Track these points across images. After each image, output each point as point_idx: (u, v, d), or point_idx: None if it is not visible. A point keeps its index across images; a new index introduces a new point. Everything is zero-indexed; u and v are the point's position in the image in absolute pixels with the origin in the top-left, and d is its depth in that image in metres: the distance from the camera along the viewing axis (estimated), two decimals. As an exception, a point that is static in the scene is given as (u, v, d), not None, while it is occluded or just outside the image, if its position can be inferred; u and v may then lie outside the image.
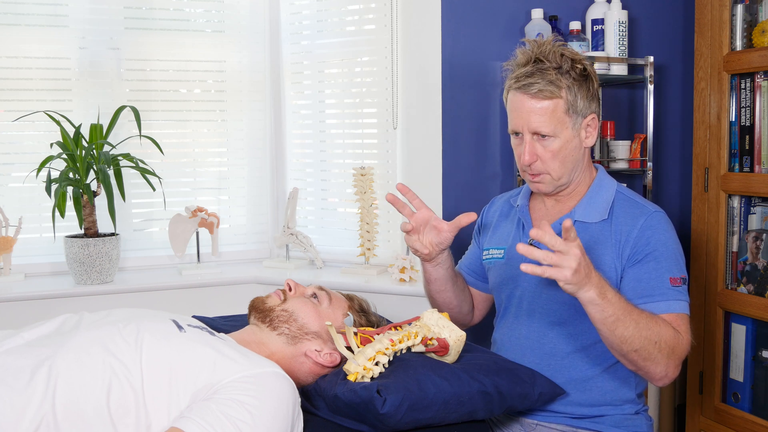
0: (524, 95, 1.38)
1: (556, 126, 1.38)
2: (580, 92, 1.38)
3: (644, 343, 1.26)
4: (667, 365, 1.30)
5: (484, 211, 1.70)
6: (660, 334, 1.27)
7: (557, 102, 1.37)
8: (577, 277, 1.18)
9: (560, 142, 1.39)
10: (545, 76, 1.36)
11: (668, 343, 1.28)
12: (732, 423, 2.01)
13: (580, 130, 1.41)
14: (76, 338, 1.12)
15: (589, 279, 1.20)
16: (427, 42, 2.24)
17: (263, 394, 1.07)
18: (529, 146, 1.39)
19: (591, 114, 1.42)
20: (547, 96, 1.36)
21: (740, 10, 1.98)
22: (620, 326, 1.24)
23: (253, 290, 2.32)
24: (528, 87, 1.37)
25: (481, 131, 2.27)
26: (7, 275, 2.26)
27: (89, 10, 2.37)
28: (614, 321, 1.24)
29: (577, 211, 1.44)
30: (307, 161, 2.60)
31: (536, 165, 1.41)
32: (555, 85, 1.36)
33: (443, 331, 1.30)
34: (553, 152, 1.39)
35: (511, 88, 1.41)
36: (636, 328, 1.25)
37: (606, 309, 1.22)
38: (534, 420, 1.44)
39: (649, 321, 1.27)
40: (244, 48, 2.55)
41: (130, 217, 2.46)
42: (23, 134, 2.37)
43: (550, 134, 1.38)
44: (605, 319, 1.24)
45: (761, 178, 1.93)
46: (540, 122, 1.37)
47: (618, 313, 1.23)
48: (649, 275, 1.34)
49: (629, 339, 1.25)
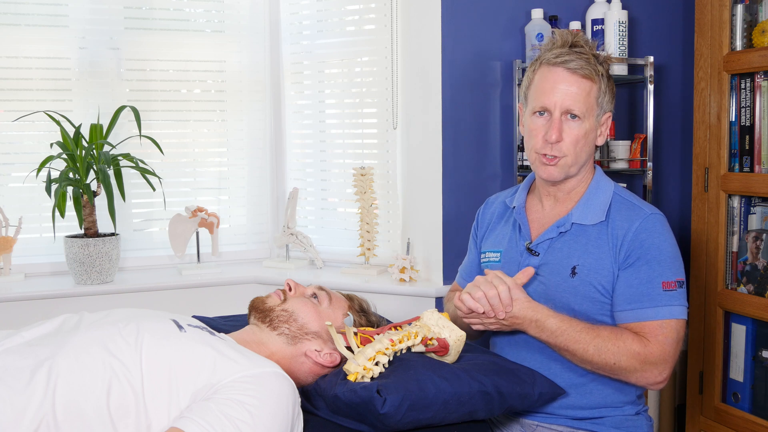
0: (563, 70, 1.37)
1: (588, 109, 1.38)
2: (608, 86, 1.41)
3: (600, 365, 1.32)
4: (642, 377, 1.32)
5: (479, 213, 1.68)
6: (617, 354, 1.31)
7: (592, 85, 1.38)
8: (501, 329, 1.36)
9: (586, 127, 1.39)
10: (583, 58, 1.37)
11: (633, 358, 1.30)
12: (732, 423, 2.01)
13: (599, 125, 1.42)
14: (76, 338, 1.12)
15: (519, 327, 1.34)
16: (427, 42, 2.24)
17: (263, 394, 1.07)
18: (558, 123, 1.37)
19: (609, 113, 1.44)
20: (586, 75, 1.37)
21: (740, 10, 1.98)
22: (567, 354, 1.34)
23: (253, 290, 2.32)
24: (568, 62, 1.36)
25: (481, 131, 2.27)
26: (7, 275, 2.26)
27: (89, 10, 2.37)
28: (561, 350, 1.34)
29: (574, 213, 1.44)
30: (307, 161, 2.60)
31: (558, 146, 1.38)
32: (593, 69, 1.37)
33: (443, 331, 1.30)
34: (578, 136, 1.38)
35: (546, 63, 1.39)
36: (585, 354, 1.32)
37: (548, 342, 1.34)
38: (534, 421, 1.44)
39: (605, 343, 1.31)
40: (244, 48, 2.55)
41: (130, 217, 2.46)
42: (23, 134, 2.37)
43: (580, 116, 1.37)
44: (553, 348, 1.36)
45: (761, 178, 1.93)
46: (575, 100, 1.36)
47: (561, 344, 1.33)
48: (640, 280, 1.34)
49: (583, 362, 1.34)
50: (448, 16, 2.22)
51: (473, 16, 2.24)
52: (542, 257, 1.43)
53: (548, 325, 1.31)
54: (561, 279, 1.40)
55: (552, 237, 1.44)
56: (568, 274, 1.39)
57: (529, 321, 1.32)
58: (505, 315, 1.32)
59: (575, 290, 1.38)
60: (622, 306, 1.35)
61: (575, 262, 1.39)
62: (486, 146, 2.29)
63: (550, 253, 1.43)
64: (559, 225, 1.43)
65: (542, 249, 1.44)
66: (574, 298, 1.38)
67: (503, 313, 1.31)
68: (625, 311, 1.35)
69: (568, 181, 1.46)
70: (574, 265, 1.39)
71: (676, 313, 1.33)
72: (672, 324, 1.32)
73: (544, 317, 1.32)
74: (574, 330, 1.31)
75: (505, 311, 1.31)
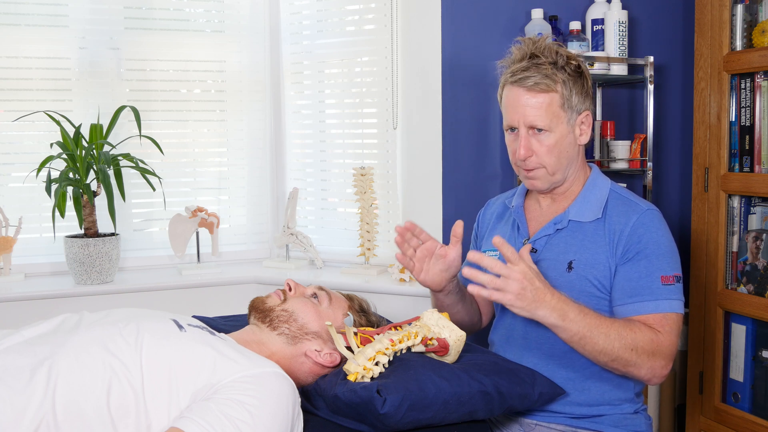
0: (520, 89, 1.39)
1: (552, 120, 1.39)
2: (575, 88, 1.40)
3: (619, 353, 1.28)
4: (651, 367, 1.30)
5: (479, 215, 1.70)
6: (635, 340, 1.28)
7: (553, 96, 1.38)
8: (522, 301, 1.21)
9: (556, 136, 1.40)
10: (541, 70, 1.37)
11: (646, 347, 1.29)
12: (732, 423, 2.01)
13: (574, 127, 1.43)
14: (76, 338, 1.12)
15: (541, 302, 1.23)
16: (427, 42, 2.24)
17: (263, 394, 1.07)
18: (524, 140, 1.40)
19: (585, 111, 1.43)
20: (543, 89, 1.37)
21: (740, 10, 1.98)
22: (588, 343, 1.27)
23: (253, 290, 2.32)
24: (524, 80, 1.38)
25: (481, 131, 2.27)
26: (7, 275, 2.26)
27: (89, 10, 2.37)
28: (580, 339, 1.27)
29: (571, 210, 1.45)
30: (307, 161, 2.60)
31: (531, 160, 1.41)
32: (551, 79, 1.37)
33: (443, 331, 1.30)
34: (549, 147, 1.40)
35: (507, 83, 1.42)
36: (606, 341, 1.27)
37: (569, 329, 1.25)
38: (533, 420, 1.44)
39: (621, 330, 1.28)
40: (244, 48, 2.55)
41: (130, 217, 2.46)
42: (23, 134, 2.37)
43: (546, 128, 1.39)
44: (570, 338, 1.27)
45: (761, 178, 1.93)
46: (536, 116, 1.38)
47: (583, 331, 1.26)
48: (639, 274, 1.35)
49: (602, 352, 1.28)
50: (448, 16, 2.22)
51: (473, 16, 2.24)
52: (539, 253, 1.45)
53: (570, 309, 1.25)
54: (558, 274, 1.41)
55: (549, 233, 1.45)
56: (564, 269, 1.40)
57: (552, 299, 1.23)
58: (520, 278, 1.21)
59: (572, 285, 1.39)
60: (622, 300, 1.35)
61: (572, 257, 1.40)
62: (486, 146, 2.29)
63: (547, 249, 1.44)
64: (556, 222, 1.45)
65: (540, 245, 1.45)
66: (570, 293, 1.38)
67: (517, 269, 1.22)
68: (626, 305, 1.35)
69: (559, 186, 1.47)
70: (571, 260, 1.40)
71: (675, 306, 1.34)
72: (673, 317, 1.33)
73: (567, 301, 1.26)
74: (592, 317, 1.28)
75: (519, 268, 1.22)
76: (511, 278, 1.21)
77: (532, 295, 1.22)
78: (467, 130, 2.26)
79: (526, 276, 1.22)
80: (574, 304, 1.27)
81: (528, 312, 1.23)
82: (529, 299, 1.22)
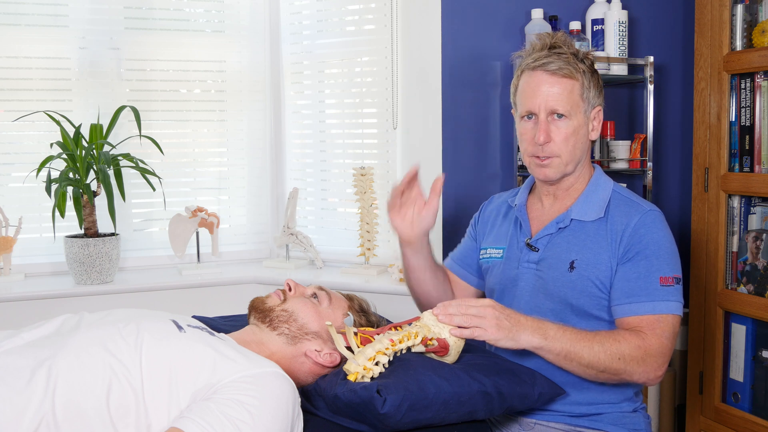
0: (543, 73, 1.40)
1: (573, 107, 1.40)
2: (592, 81, 1.43)
3: (606, 364, 1.28)
4: (644, 372, 1.31)
5: (482, 206, 1.70)
6: (620, 350, 1.29)
7: (574, 83, 1.40)
8: (502, 330, 1.23)
9: (574, 125, 1.41)
10: (562, 58, 1.40)
11: (633, 354, 1.29)
12: (732, 423, 2.01)
13: (589, 120, 1.45)
14: (75, 338, 1.12)
15: (520, 325, 1.25)
16: (427, 42, 2.24)
17: (263, 394, 1.07)
18: (544, 125, 1.40)
19: (598, 106, 1.46)
20: (566, 74, 1.39)
21: (740, 10, 1.98)
22: (574, 358, 1.28)
23: (253, 290, 2.32)
24: (547, 65, 1.40)
25: (481, 131, 2.27)
26: (7, 275, 2.26)
27: (89, 10, 2.37)
28: (566, 356, 1.28)
29: (574, 209, 1.45)
30: (307, 161, 2.60)
31: (549, 146, 1.41)
32: (573, 67, 1.40)
33: (443, 331, 1.30)
34: (567, 134, 1.41)
35: (527, 69, 1.43)
36: (591, 353, 1.28)
37: (553, 348, 1.27)
38: (533, 419, 1.44)
39: (605, 341, 1.29)
40: (244, 48, 2.55)
41: (130, 217, 2.46)
42: (23, 134, 2.37)
43: (566, 114, 1.40)
44: (556, 357, 1.28)
45: (761, 178, 1.93)
46: (557, 101, 1.39)
47: (567, 348, 1.27)
48: (638, 274, 1.35)
49: (589, 365, 1.29)
50: (447, 16, 2.22)
51: (473, 16, 2.24)
52: (541, 252, 1.45)
53: (549, 327, 1.27)
54: (559, 273, 1.41)
55: (551, 233, 1.45)
56: (566, 268, 1.40)
57: (528, 321, 1.27)
58: (492, 311, 1.24)
59: (573, 285, 1.39)
60: (619, 300, 1.36)
61: (573, 257, 1.40)
62: (486, 146, 2.29)
63: (549, 248, 1.44)
64: (559, 221, 1.45)
65: (541, 245, 1.45)
66: (571, 293, 1.39)
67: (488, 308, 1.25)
68: (623, 305, 1.35)
69: (566, 178, 1.47)
70: (573, 260, 1.40)
71: (673, 308, 1.33)
72: (668, 319, 1.33)
73: (543, 321, 1.30)
74: (572, 332, 1.29)
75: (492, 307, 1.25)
76: (484, 312, 1.24)
77: (509, 322, 1.24)
78: (467, 130, 2.26)
79: (495, 306, 1.25)
80: (550, 323, 1.29)
81: (512, 339, 1.24)
82: (507, 326, 1.24)
